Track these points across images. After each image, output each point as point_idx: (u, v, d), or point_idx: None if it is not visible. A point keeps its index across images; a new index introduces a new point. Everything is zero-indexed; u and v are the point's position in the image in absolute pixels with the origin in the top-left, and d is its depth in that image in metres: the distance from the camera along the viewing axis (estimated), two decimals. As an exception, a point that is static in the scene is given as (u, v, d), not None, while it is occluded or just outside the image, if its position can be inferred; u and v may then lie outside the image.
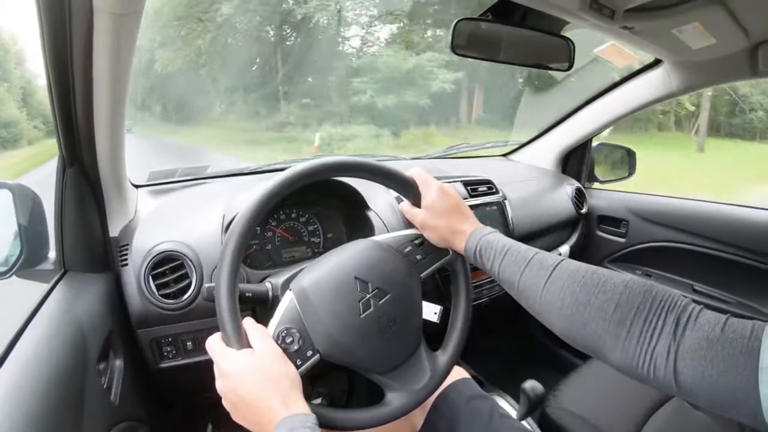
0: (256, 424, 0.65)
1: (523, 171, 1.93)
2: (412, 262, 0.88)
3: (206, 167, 1.47)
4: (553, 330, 0.72)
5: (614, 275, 0.67)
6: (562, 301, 0.68)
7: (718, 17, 0.94)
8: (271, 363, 0.66)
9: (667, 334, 0.56)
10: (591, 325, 0.64)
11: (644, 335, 0.58)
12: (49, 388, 0.65)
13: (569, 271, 0.71)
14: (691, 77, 1.36)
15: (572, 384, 1.27)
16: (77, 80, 0.76)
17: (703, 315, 0.57)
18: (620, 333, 0.60)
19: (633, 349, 0.59)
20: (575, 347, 0.69)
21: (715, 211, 1.59)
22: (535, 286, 0.73)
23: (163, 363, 1.03)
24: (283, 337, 0.73)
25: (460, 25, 1.04)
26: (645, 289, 0.62)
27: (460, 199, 0.89)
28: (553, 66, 1.18)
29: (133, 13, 0.69)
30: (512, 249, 0.78)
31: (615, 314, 0.62)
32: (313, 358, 0.74)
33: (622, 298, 0.62)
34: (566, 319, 0.68)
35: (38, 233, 0.95)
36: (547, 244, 1.75)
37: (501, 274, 0.78)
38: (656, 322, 0.58)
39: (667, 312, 0.58)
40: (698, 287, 1.61)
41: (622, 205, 1.85)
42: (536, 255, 0.76)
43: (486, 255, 0.80)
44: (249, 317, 0.74)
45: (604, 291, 0.65)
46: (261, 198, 0.74)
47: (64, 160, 0.88)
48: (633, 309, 0.60)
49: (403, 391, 0.80)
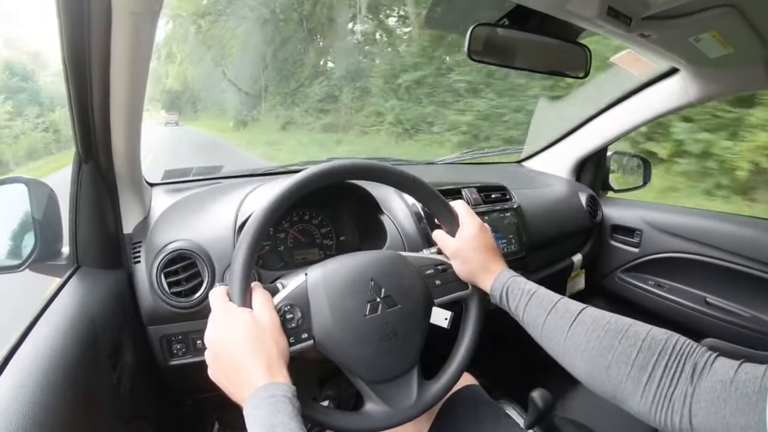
0: (232, 382, 0.65)
1: (538, 178, 1.91)
2: (430, 286, 0.88)
3: (221, 167, 1.48)
4: (574, 373, 0.73)
5: (637, 323, 0.68)
6: (587, 344, 0.69)
7: (735, 26, 0.93)
8: (266, 328, 0.67)
9: (685, 379, 0.57)
10: (614, 368, 0.65)
11: (664, 380, 0.59)
12: (60, 381, 0.66)
13: (594, 316, 0.72)
14: (708, 86, 1.34)
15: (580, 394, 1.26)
16: (95, 78, 0.77)
17: (719, 360, 0.58)
18: (642, 378, 0.61)
19: (653, 394, 0.59)
20: (594, 392, 0.69)
21: (731, 223, 1.57)
22: (559, 329, 0.74)
23: (172, 360, 1.03)
24: (284, 311, 0.74)
25: (476, 30, 1.04)
26: (667, 337, 0.63)
27: (495, 241, 0.91)
28: (569, 73, 1.17)
29: (152, 12, 0.70)
30: (539, 292, 0.80)
31: (638, 359, 0.63)
32: (307, 342, 0.74)
33: (645, 344, 0.63)
34: (589, 362, 0.69)
35: (52, 228, 0.96)
36: (560, 253, 1.74)
37: (526, 315, 0.79)
38: (676, 368, 0.59)
39: (686, 358, 0.59)
40: (711, 299, 1.58)
41: (636, 214, 1.82)
42: (561, 300, 0.78)
43: (512, 295, 0.81)
44: (258, 283, 0.75)
45: (627, 337, 0.66)
46: (278, 198, 0.75)
47: (80, 156, 0.89)
48: (655, 355, 0.61)
49: (383, 407, 0.79)
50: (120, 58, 0.75)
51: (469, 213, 0.91)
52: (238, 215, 1.09)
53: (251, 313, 0.68)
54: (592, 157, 1.90)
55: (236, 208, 1.11)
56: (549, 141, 2.01)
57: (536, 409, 0.99)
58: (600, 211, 1.86)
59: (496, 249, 0.89)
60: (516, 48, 1.10)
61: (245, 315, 0.67)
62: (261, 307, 0.70)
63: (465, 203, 0.94)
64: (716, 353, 0.59)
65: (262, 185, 1.21)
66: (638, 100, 1.58)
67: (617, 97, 1.65)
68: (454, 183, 1.42)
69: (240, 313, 0.68)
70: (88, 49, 0.72)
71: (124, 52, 0.74)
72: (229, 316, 0.68)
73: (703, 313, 1.58)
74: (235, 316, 0.67)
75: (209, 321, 0.69)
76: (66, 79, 0.76)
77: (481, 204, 1.39)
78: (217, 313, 0.69)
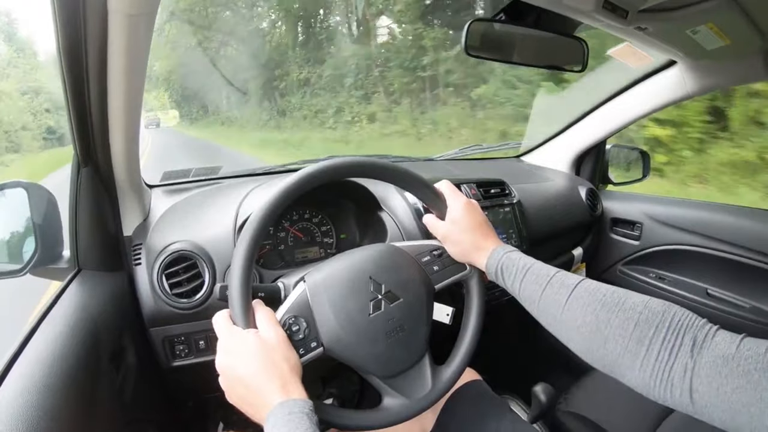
0: (250, 404, 0.65)
1: (537, 172, 1.91)
2: (428, 273, 0.88)
3: (219, 167, 1.48)
4: (571, 347, 0.72)
5: (634, 295, 0.67)
6: (583, 319, 0.69)
7: (732, 18, 0.93)
8: (275, 346, 0.67)
9: (685, 352, 0.57)
10: (611, 342, 0.64)
11: (663, 353, 0.58)
12: (62, 385, 0.66)
13: (590, 290, 0.71)
14: (706, 79, 1.34)
15: (584, 387, 1.26)
16: (92, 81, 0.77)
17: (720, 334, 0.57)
18: (639, 351, 0.61)
19: (651, 367, 0.59)
20: (592, 365, 0.69)
21: (731, 214, 1.57)
22: (556, 304, 0.73)
23: (175, 362, 1.03)
24: (289, 324, 0.73)
25: (473, 26, 1.03)
26: (664, 309, 0.62)
27: (484, 216, 0.90)
28: (567, 67, 1.17)
29: (148, 14, 0.70)
30: (534, 267, 0.79)
31: (635, 332, 0.62)
32: (316, 351, 0.74)
33: (642, 317, 0.63)
34: (586, 337, 0.68)
35: (53, 231, 0.96)
36: (560, 246, 1.74)
37: (522, 291, 0.79)
38: (674, 341, 0.58)
39: (685, 331, 0.58)
40: (713, 291, 1.59)
41: (636, 207, 1.82)
42: (557, 273, 0.77)
43: (507, 272, 0.81)
44: (259, 300, 0.74)
45: (624, 309, 0.65)
46: (276, 197, 0.75)
47: (79, 159, 0.89)
48: (652, 328, 0.61)
49: (401, 400, 0.79)
50: (117, 60, 0.74)
51: (454, 193, 0.90)
52: (237, 215, 1.09)
53: (257, 333, 0.68)
54: (591, 151, 1.90)
55: (236, 208, 1.11)
56: (547, 135, 2.01)
57: (539, 404, 1.00)
58: (600, 205, 1.86)
59: (486, 225, 0.89)
60: (513, 43, 1.10)
61: (252, 336, 0.67)
62: (266, 325, 0.70)
63: (449, 183, 0.93)
64: (717, 326, 0.58)
65: (260, 185, 1.20)
66: (636, 93, 1.58)
67: (615, 90, 1.65)
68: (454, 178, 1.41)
69: (246, 335, 0.67)
70: (85, 51, 0.72)
71: (120, 55, 0.74)
72: (235, 340, 0.68)
73: (704, 305, 1.58)
74: (242, 339, 0.67)
75: (218, 347, 0.69)
76: (63, 83, 0.76)
77: (481, 199, 1.39)
78: (223, 338, 0.69)
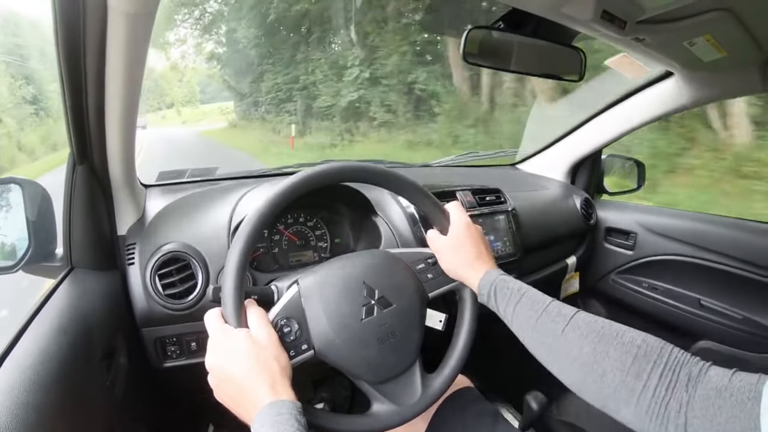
0: (238, 404, 0.65)
1: (532, 181, 1.92)
2: (422, 280, 0.88)
3: (216, 168, 1.48)
4: (563, 379, 0.72)
5: (631, 330, 0.67)
6: (580, 350, 0.68)
7: (729, 30, 0.94)
8: (266, 346, 0.67)
9: (681, 388, 0.57)
10: (609, 375, 0.64)
11: (660, 389, 0.58)
12: (53, 383, 0.65)
13: (587, 321, 0.71)
14: (702, 90, 1.35)
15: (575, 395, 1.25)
16: (90, 79, 0.77)
17: (713, 369, 0.57)
18: (636, 386, 0.60)
19: (648, 403, 0.59)
20: (583, 399, 0.69)
21: (724, 226, 1.58)
22: (551, 332, 0.73)
23: (166, 362, 1.03)
24: (281, 325, 0.73)
25: (471, 33, 1.04)
26: (662, 345, 0.63)
27: (485, 240, 0.90)
28: (564, 76, 1.18)
29: (147, 13, 0.70)
30: (529, 292, 0.79)
31: (633, 366, 0.62)
32: (307, 353, 0.74)
33: (641, 351, 0.63)
34: (582, 368, 0.68)
35: (46, 229, 0.95)
36: (554, 255, 1.75)
37: (515, 316, 0.78)
38: (671, 377, 0.58)
39: (680, 367, 0.59)
40: (705, 302, 1.59)
41: (631, 217, 1.83)
42: (553, 302, 0.76)
43: (501, 294, 0.80)
44: (251, 300, 0.74)
45: (623, 343, 0.65)
46: (273, 200, 0.75)
47: (75, 157, 0.89)
48: (650, 362, 0.61)
49: (390, 406, 0.79)
50: (115, 59, 0.74)
51: (459, 212, 0.91)
52: (232, 217, 1.09)
53: (249, 332, 0.68)
54: (587, 160, 1.91)
55: (231, 209, 1.11)
56: (544, 144, 2.01)
57: (531, 411, 0.99)
58: (594, 214, 1.86)
59: (484, 248, 0.89)
60: (511, 51, 1.11)
61: (243, 336, 0.67)
62: (257, 325, 0.69)
63: (459, 204, 0.93)
64: (710, 362, 0.59)
65: (256, 187, 1.20)
66: (632, 104, 1.59)
67: (612, 100, 1.66)
68: (449, 185, 1.42)
69: (238, 335, 0.67)
70: (83, 49, 0.72)
71: (119, 53, 0.74)
72: (227, 339, 0.67)
73: (697, 315, 1.59)
74: (234, 338, 0.67)
75: (208, 346, 0.69)
76: (61, 80, 0.76)
77: (476, 206, 1.39)
78: (214, 337, 0.69)
